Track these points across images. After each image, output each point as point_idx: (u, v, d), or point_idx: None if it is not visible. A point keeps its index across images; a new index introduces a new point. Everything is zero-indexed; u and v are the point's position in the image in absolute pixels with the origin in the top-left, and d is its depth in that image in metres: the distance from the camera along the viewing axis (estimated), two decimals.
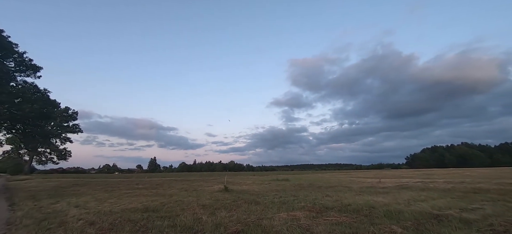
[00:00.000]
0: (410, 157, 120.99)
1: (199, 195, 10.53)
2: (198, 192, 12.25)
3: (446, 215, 5.50)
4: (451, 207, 6.64)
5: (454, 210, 6.14)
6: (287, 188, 13.35)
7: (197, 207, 7.25)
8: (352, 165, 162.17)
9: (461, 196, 8.77)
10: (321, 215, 5.85)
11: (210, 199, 9.04)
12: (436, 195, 9.28)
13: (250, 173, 62.61)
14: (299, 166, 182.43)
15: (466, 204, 7.01)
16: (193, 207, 7.36)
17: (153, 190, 13.96)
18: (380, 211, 6.01)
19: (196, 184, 18.96)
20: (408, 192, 10.48)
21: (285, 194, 10.26)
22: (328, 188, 13.26)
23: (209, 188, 14.55)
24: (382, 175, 30.09)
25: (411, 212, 5.85)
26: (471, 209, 6.35)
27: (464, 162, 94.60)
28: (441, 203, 7.32)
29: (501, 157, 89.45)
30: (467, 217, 5.28)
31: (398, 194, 9.62)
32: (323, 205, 7.22)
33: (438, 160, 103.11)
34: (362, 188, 12.94)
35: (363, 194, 9.83)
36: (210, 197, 9.68)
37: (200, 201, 8.65)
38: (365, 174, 37.01)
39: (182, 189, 14.27)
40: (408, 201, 7.72)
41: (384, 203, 7.29)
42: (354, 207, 6.74)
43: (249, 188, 14.19)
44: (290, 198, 8.85)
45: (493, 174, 25.56)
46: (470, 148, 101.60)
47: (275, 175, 40.63)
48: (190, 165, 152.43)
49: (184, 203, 8.14)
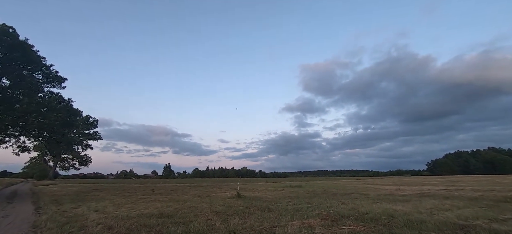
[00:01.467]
0: (431, 163, 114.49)
1: (212, 201, 10.58)
2: (211, 198, 12.31)
3: (474, 226, 5.11)
4: (479, 217, 6.17)
5: (482, 221, 5.70)
6: (301, 195, 13.08)
7: (210, 213, 7.27)
8: (369, 171, 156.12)
9: (491, 205, 8.14)
10: (336, 223, 5.65)
11: (223, 206, 9.04)
12: (462, 204, 8.69)
13: (263, 180, 62.16)
14: (312, 172, 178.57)
15: (497, 214, 6.48)
16: (206, 213, 7.40)
17: (167, 195, 14.22)
18: (400, 221, 5.71)
19: (209, 190, 19.10)
20: (430, 200, 9.90)
21: (298, 201, 10.06)
22: (343, 195, 12.84)
23: (222, 194, 14.59)
24: (401, 182, 28.71)
25: (435, 222, 5.49)
26: (503, 219, 5.86)
27: (492, 168, 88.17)
28: (467, 212, 6.82)
29: None
30: (498, 229, 4.88)
31: (419, 203, 9.10)
32: (339, 213, 6.98)
33: (463, 166, 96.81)
34: (379, 195, 12.40)
35: (381, 202, 9.41)
36: (223, 204, 9.69)
37: (213, 207, 8.68)
38: (383, 181, 35.48)
39: (196, 195, 14.42)
40: (431, 210, 7.28)
41: (404, 212, 6.93)
42: (372, 215, 6.46)
43: (261, 194, 14.07)
44: (304, 206, 8.65)
45: None
46: (498, 153, 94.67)
47: (288, 181, 40.04)
48: (203, 171, 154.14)
49: (198, 209, 8.20)
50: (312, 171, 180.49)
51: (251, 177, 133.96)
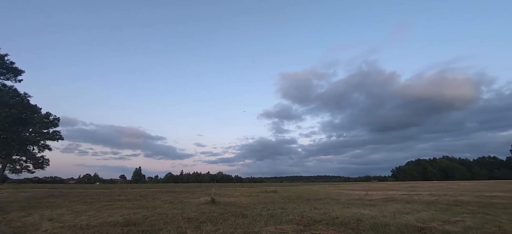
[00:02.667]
0: (395, 170, 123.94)
1: (185, 208, 10.16)
2: (184, 204, 11.83)
3: (430, 228, 5.59)
4: (435, 219, 6.77)
5: (437, 223, 6.26)
6: (276, 201, 13.18)
7: (181, 221, 6.96)
8: (340, 177, 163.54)
9: (444, 209, 8.99)
10: (309, 228, 5.77)
11: (196, 212, 8.73)
12: (420, 207, 9.47)
13: (239, 185, 61.59)
14: (288, 177, 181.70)
15: (449, 217, 7.18)
16: (178, 220, 7.06)
17: (136, 202, 13.33)
18: (367, 224, 6.02)
19: (182, 195, 18.34)
20: (394, 204, 10.63)
21: (273, 207, 10.11)
22: (316, 200, 13.22)
23: (196, 200, 14.11)
24: (369, 187, 30.49)
25: (397, 225, 5.90)
26: (453, 221, 6.50)
27: (445, 175, 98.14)
28: (425, 215, 7.45)
29: (479, 170, 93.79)
30: (449, 230, 5.40)
31: (384, 207, 9.73)
32: (311, 218, 7.15)
33: (422, 172, 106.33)
34: (349, 200, 13.01)
35: (350, 207, 9.86)
36: (196, 210, 9.36)
37: (185, 214, 8.33)
38: (353, 186, 37.37)
39: (167, 201, 13.73)
40: (394, 214, 7.81)
41: (370, 216, 7.33)
42: (342, 220, 6.72)
43: (237, 200, 13.89)
44: (278, 211, 8.71)
45: (472, 187, 26.58)
46: (451, 161, 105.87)
47: (264, 186, 40.18)
48: (176, 175, 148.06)
49: (168, 216, 7.80)
50: (287, 177, 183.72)
51: (227, 182, 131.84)
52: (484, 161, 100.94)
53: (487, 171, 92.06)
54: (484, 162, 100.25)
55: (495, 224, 6.06)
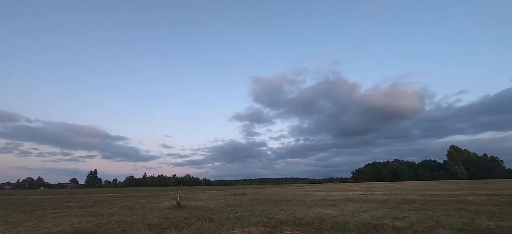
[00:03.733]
0: (355, 172, 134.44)
1: (146, 214, 9.49)
2: (146, 209, 11.04)
3: (382, 224, 6.16)
4: (386, 216, 7.50)
5: (388, 220, 6.94)
6: (244, 203, 13.15)
7: (142, 228, 6.48)
8: (307, 179, 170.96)
9: (394, 207, 10.02)
10: (275, 229, 5.88)
11: (159, 218, 8.22)
12: (375, 206, 10.40)
13: (207, 188, 59.99)
14: (257, 180, 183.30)
15: (398, 214, 8.02)
16: (138, 227, 6.55)
17: (89, 208, 12.00)
18: (329, 223, 6.38)
19: (144, 200, 17.12)
20: (353, 204, 11.48)
21: (241, 210, 10.06)
22: (283, 202, 13.56)
23: (159, 204, 13.30)
24: (332, 189, 32.45)
25: (355, 223, 6.37)
26: (401, 218, 7.28)
27: (396, 176, 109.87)
28: (378, 213, 8.20)
29: (422, 172, 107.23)
30: (398, 225, 6.02)
31: (345, 206, 10.43)
32: (278, 219, 7.30)
33: (377, 174, 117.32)
34: (314, 201, 13.65)
35: (315, 207, 10.34)
36: (159, 215, 8.81)
37: (146, 220, 7.78)
38: (318, 188, 39.36)
39: (127, 206, 12.67)
40: (353, 213, 8.43)
41: (332, 215, 7.79)
42: (307, 220, 7.01)
43: (204, 203, 13.49)
44: (246, 214, 8.70)
45: (417, 187, 30.25)
46: (400, 164, 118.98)
47: (233, 189, 39.84)
48: (139, 179, 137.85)
49: (127, 224, 7.19)
50: (256, 179, 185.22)
51: (194, 185, 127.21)
52: (426, 163, 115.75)
53: (429, 173, 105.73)
54: (426, 164, 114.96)
55: (433, 218, 6.97)
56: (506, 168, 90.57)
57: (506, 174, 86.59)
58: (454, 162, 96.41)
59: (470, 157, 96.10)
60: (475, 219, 6.72)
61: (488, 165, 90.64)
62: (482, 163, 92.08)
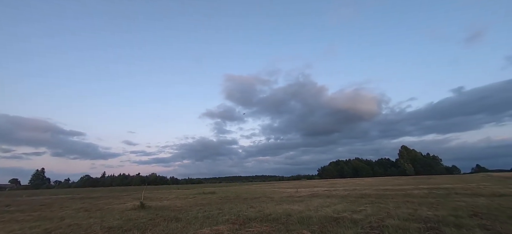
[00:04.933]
0: (320, 169, 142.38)
1: (105, 216, 8.77)
2: (104, 211, 10.19)
3: (342, 217, 6.70)
4: (346, 210, 8.15)
5: (347, 213, 7.56)
6: (213, 202, 13.00)
7: (100, 231, 5.98)
8: (276, 176, 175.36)
9: (353, 201, 10.94)
10: (244, 227, 5.96)
11: (120, 220, 7.67)
12: (337, 201, 11.21)
13: (174, 187, 57.58)
14: (227, 178, 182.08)
15: (356, 207, 8.79)
16: (95, 231, 6.04)
17: (34, 213, 10.62)
18: (295, 218, 6.70)
19: (102, 202, 15.75)
20: (317, 199, 12.20)
21: (210, 208, 9.94)
22: (253, 199, 13.76)
23: (121, 206, 12.39)
24: (299, 185, 33.92)
25: (318, 217, 6.80)
26: (359, 211, 7.99)
27: (356, 173, 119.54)
28: (339, 207, 8.87)
29: (378, 169, 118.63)
30: (356, 218, 6.61)
31: (310, 202, 11.03)
32: (247, 216, 7.40)
33: (340, 171, 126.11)
34: (282, 197, 14.13)
35: (282, 204, 10.73)
36: (120, 217, 8.22)
37: (105, 222, 7.19)
38: (286, 185, 40.76)
39: (81, 209, 11.53)
40: (317, 208, 8.96)
41: (298, 211, 8.19)
42: (274, 216, 7.25)
43: (171, 203, 12.97)
44: (215, 212, 8.63)
45: (373, 183, 33.38)
46: (360, 162, 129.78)
47: (202, 188, 38.96)
48: (96, 178, 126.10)
49: (82, 227, 6.56)
50: (227, 177, 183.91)
51: (161, 184, 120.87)
52: (381, 162, 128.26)
53: (383, 170, 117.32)
54: (381, 162, 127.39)
55: (385, 210, 7.80)
56: (444, 166, 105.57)
57: (444, 170, 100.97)
58: (404, 160, 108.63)
59: (417, 156, 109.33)
60: (417, 209, 7.71)
61: (430, 163, 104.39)
62: (426, 161, 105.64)
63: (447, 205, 8.41)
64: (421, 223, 5.60)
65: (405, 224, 5.50)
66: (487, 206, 7.83)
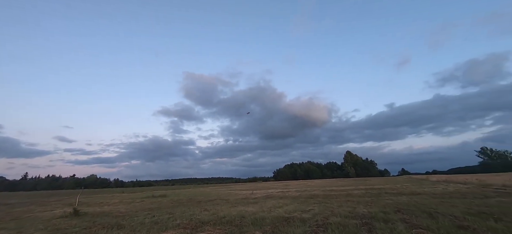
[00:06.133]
0: (276, 172, 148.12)
1: (24, 226, 7.28)
2: (23, 221, 8.47)
3: (293, 217, 7.09)
4: (297, 210, 8.66)
5: (297, 213, 8.04)
6: (164, 206, 12.16)
7: None
8: (233, 178, 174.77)
9: (303, 201, 11.69)
10: (195, 231, 5.74)
11: (45, 230, 6.48)
12: (289, 202, 11.81)
13: (119, 190, 51.68)
14: (181, 180, 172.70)
15: (305, 207, 9.41)
16: None
17: None
18: (249, 220, 6.78)
19: (19, 209, 13.07)
20: (271, 200, 12.62)
21: (159, 213, 9.25)
22: (207, 202, 13.39)
23: (46, 213, 10.49)
24: (255, 187, 34.53)
25: (271, 218, 7.04)
26: (308, 210, 8.59)
27: (308, 175, 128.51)
28: (291, 208, 9.37)
29: (327, 172, 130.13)
30: (304, 217, 7.08)
31: (264, 203, 11.33)
32: (200, 220, 7.15)
33: (293, 173, 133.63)
34: (237, 199, 14.15)
35: (237, 206, 10.74)
36: (45, 227, 6.95)
37: None
38: (242, 187, 40.98)
39: None
40: (270, 209, 9.27)
41: (252, 212, 8.32)
42: (228, 218, 7.19)
43: (113, 209, 11.60)
44: (164, 217, 8.07)
45: (322, 184, 36.38)
46: (311, 165, 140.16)
47: (152, 191, 36.04)
48: (13, 181, 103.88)
49: None
50: (180, 179, 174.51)
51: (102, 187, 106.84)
52: (329, 165, 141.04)
53: (331, 172, 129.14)
54: (329, 166, 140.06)
55: (330, 209, 8.58)
56: (378, 169, 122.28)
57: (378, 173, 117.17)
58: (347, 164, 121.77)
59: (358, 160, 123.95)
60: (356, 207, 8.72)
61: (368, 166, 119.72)
62: (364, 165, 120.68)
63: (379, 203, 9.75)
64: (358, 220, 6.35)
65: (345, 221, 6.15)
66: (407, 203, 9.38)
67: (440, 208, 7.70)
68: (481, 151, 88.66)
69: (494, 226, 5.04)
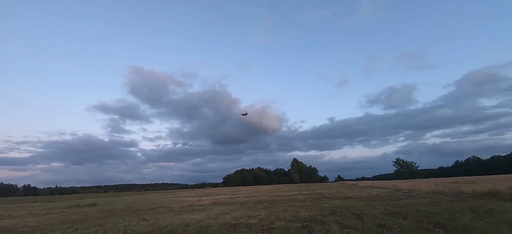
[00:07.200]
0: (226, 177, 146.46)
1: None
2: None
3: (239, 223, 7.07)
4: (244, 216, 8.68)
5: (244, 218, 8.07)
6: (91, 216, 10.45)
7: None
8: (179, 184, 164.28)
9: (251, 207, 11.84)
10: None
11: None
12: (237, 207, 11.77)
13: (30, 199, 41.89)
14: (117, 186, 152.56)
15: (252, 213, 9.54)
16: None
17: None
18: (194, 228, 6.43)
19: None
20: (219, 207, 12.34)
21: (84, 225, 7.89)
22: (147, 210, 12.15)
23: None
24: (203, 193, 33.24)
25: (217, 225, 6.85)
26: (254, 216, 8.72)
27: (257, 181, 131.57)
28: (238, 214, 9.34)
29: (275, 178, 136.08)
30: (251, 222, 7.15)
31: (211, 210, 10.98)
32: (136, 231, 6.41)
33: (243, 179, 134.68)
34: (183, 207, 13.31)
35: (182, 214, 10.09)
36: None
37: None
38: (189, 193, 38.93)
39: None
40: (217, 215, 9.03)
41: (198, 220, 7.94)
42: (170, 228, 6.66)
43: (17, 223, 9.31)
44: (91, 230, 6.92)
45: (270, 190, 37.76)
46: (261, 171, 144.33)
47: (77, 199, 30.60)
48: None
49: None
50: (116, 186, 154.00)
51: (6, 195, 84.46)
52: (277, 171, 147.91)
53: (278, 178, 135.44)
54: (277, 172, 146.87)
55: (275, 214, 8.92)
56: (319, 175, 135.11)
57: (319, 179, 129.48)
58: (293, 171, 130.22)
59: (303, 167, 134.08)
60: (298, 211, 9.32)
61: (310, 173, 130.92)
62: (308, 172, 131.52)
63: (318, 207, 10.68)
64: (300, 223, 6.79)
65: (288, 225, 6.49)
66: (340, 206, 10.57)
67: (365, 210, 8.94)
68: (396, 162, 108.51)
69: (402, 223, 6.13)
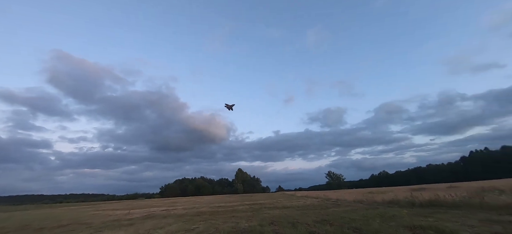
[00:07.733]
0: (164, 187, 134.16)
1: None
2: None
3: None
4: (180, 230, 8.02)
5: (181, 232, 7.46)
6: None
7: None
8: (104, 195, 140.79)
9: (189, 220, 11.08)
10: None
11: None
12: (173, 221, 10.80)
13: None
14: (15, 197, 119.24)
15: (190, 226, 8.92)
16: None
17: None
18: None
19: None
20: (152, 221, 11.07)
21: None
22: (55, 228, 9.84)
23: None
24: (134, 206, 29.38)
25: None
26: (192, 229, 8.16)
27: (199, 191, 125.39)
28: (174, 227, 8.58)
29: (218, 188, 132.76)
30: None
31: (142, 225, 9.74)
32: None
33: (183, 189, 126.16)
34: (105, 222, 11.36)
35: (103, 231, 8.59)
36: None
37: None
38: (117, 206, 33.79)
39: None
40: (149, 231, 8.06)
41: None
42: None
43: None
44: None
45: (211, 200, 36.44)
46: (204, 181, 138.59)
47: None
48: None
49: None
50: (14, 197, 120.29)
51: None
52: (221, 181, 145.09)
53: (221, 188, 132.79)
54: (221, 182, 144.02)
55: (215, 226, 8.59)
56: (262, 186, 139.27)
57: (261, 189, 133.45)
58: (237, 181, 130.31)
59: (246, 177, 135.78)
60: (239, 222, 9.24)
61: (254, 183, 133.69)
62: (251, 182, 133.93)
63: (258, 217, 10.87)
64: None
65: None
66: (279, 216, 11.04)
67: (300, 218, 9.59)
68: (328, 174, 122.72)
69: (329, 229, 6.82)
